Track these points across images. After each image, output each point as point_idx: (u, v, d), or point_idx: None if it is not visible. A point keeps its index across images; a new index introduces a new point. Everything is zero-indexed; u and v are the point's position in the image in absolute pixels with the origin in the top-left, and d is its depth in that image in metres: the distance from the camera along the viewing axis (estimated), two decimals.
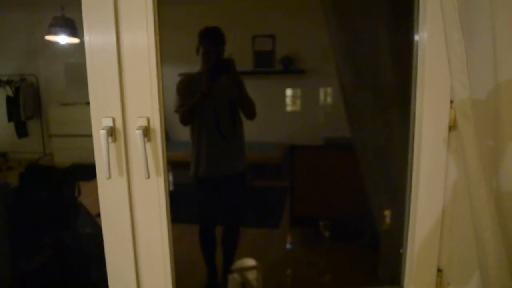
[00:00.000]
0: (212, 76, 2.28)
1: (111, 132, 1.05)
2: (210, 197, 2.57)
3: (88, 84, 1.06)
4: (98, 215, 2.60)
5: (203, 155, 2.43)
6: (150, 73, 1.05)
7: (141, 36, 1.03)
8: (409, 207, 1.15)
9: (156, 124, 1.06)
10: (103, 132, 1.02)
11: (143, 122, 1.06)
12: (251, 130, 2.67)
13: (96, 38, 1.04)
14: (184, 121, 2.39)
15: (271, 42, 5.08)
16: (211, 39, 2.31)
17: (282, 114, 5.24)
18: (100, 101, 1.06)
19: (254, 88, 2.54)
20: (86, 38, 1.04)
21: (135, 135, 1.04)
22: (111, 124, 1.06)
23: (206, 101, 2.32)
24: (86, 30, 1.04)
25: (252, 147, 4.68)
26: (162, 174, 1.09)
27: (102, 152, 1.03)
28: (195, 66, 2.43)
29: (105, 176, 1.05)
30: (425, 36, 1.05)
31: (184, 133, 2.52)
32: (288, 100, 5.21)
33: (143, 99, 1.06)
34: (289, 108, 5.22)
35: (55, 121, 5.65)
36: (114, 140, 1.07)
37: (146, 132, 1.05)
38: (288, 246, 3.17)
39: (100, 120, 1.06)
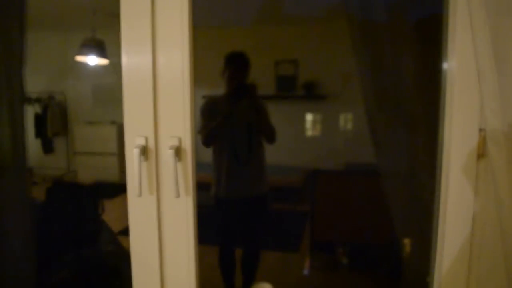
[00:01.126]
0: (235, 99, 2.32)
1: (144, 151, 1.08)
2: (231, 218, 2.57)
3: (123, 103, 1.10)
4: (119, 232, 2.62)
5: (223, 176, 2.45)
6: (184, 94, 1.08)
7: (176, 58, 1.07)
8: (436, 235, 1.14)
9: (188, 144, 1.09)
10: (136, 151, 1.05)
11: (175, 142, 1.08)
12: (272, 154, 2.69)
13: (133, 59, 1.08)
14: (206, 143, 2.42)
15: (293, 67, 5.15)
16: (236, 64, 2.37)
17: (303, 138, 5.26)
18: (134, 120, 1.10)
19: (276, 112, 2.57)
20: (123, 58, 1.09)
21: (167, 154, 1.07)
22: (144, 143, 1.09)
23: (228, 124, 2.35)
24: (123, 51, 1.08)
25: (274, 170, 4.69)
26: (191, 194, 1.11)
27: (134, 170, 1.06)
28: (218, 89, 2.48)
29: (135, 193, 1.08)
30: (454, 64, 1.06)
31: (206, 154, 2.55)
32: (309, 125, 5.24)
33: (175, 119, 1.09)
34: (310, 133, 5.25)
35: (80, 139, 5.79)
36: (146, 158, 1.09)
37: (178, 152, 1.08)
38: (306, 271, 3.13)
39: (134, 138, 1.09)
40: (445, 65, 1.11)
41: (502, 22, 0.95)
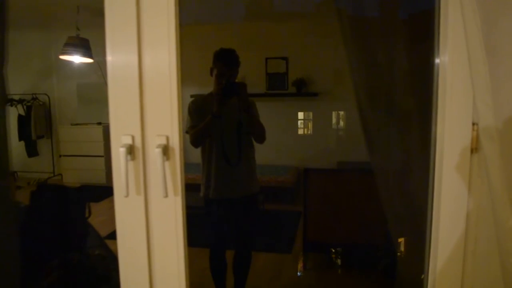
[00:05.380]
0: (223, 98, 2.28)
1: (130, 150, 1.05)
2: (220, 219, 2.53)
3: (109, 102, 1.06)
4: (107, 236, 2.57)
5: (213, 177, 2.41)
6: (171, 92, 1.05)
7: (163, 56, 1.04)
8: (430, 232, 1.13)
9: (175, 143, 1.06)
10: (122, 150, 1.02)
11: (162, 141, 1.05)
12: (263, 153, 2.65)
13: (118, 58, 1.04)
14: (195, 143, 2.38)
15: (284, 65, 5.11)
16: (225, 61, 2.32)
17: (294, 137, 5.23)
18: (120, 119, 1.06)
19: (266, 111, 2.53)
20: (109, 58, 1.05)
21: (154, 154, 1.04)
22: (130, 142, 1.05)
23: (217, 123, 2.31)
24: (108, 50, 1.05)
25: (265, 170, 4.68)
26: (180, 194, 1.07)
27: (120, 170, 1.02)
28: (206, 87, 2.44)
29: (122, 194, 1.04)
30: (446, 59, 1.05)
31: (195, 154, 2.52)
32: (300, 123, 5.21)
33: (162, 117, 1.06)
34: (301, 131, 5.22)
35: (65, 141, 5.69)
36: (133, 158, 1.06)
37: (165, 150, 1.04)
38: (299, 273, 3.10)
39: (120, 137, 1.06)
40: (437, 60, 1.10)
41: (493, 14, 0.94)
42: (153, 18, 1.03)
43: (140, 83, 1.05)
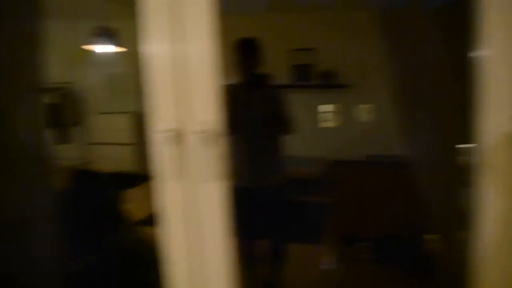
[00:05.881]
0: (248, 88, 2.27)
1: (172, 136, 1.06)
2: (247, 209, 2.54)
3: (147, 90, 1.07)
4: (139, 222, 2.60)
5: (240, 167, 2.42)
6: (211, 80, 1.05)
7: (201, 43, 1.04)
8: (473, 226, 1.11)
9: (216, 129, 1.06)
10: (164, 136, 1.03)
11: (203, 127, 1.05)
12: (291, 144, 2.63)
13: (155, 47, 1.05)
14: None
15: (310, 56, 5.05)
16: (246, 51, 2.31)
17: (322, 129, 5.19)
18: (159, 106, 1.07)
19: (292, 102, 2.50)
20: (145, 47, 1.06)
21: (195, 139, 1.04)
22: (171, 128, 1.06)
23: (243, 114, 2.30)
24: (145, 39, 1.05)
25: (292, 161, 4.65)
26: (221, 179, 1.08)
27: (162, 156, 1.04)
28: (229, 78, 2.44)
29: (164, 179, 1.05)
30: (488, 53, 1.02)
31: None
32: (328, 115, 5.15)
33: (203, 104, 1.06)
34: (329, 123, 5.16)
35: (95, 129, 5.79)
36: (176, 143, 1.06)
37: (206, 136, 1.05)
38: (327, 266, 3.09)
39: (161, 124, 1.07)
40: (477, 52, 1.07)
41: None
42: (192, 6, 1.03)
43: (179, 72, 1.06)
